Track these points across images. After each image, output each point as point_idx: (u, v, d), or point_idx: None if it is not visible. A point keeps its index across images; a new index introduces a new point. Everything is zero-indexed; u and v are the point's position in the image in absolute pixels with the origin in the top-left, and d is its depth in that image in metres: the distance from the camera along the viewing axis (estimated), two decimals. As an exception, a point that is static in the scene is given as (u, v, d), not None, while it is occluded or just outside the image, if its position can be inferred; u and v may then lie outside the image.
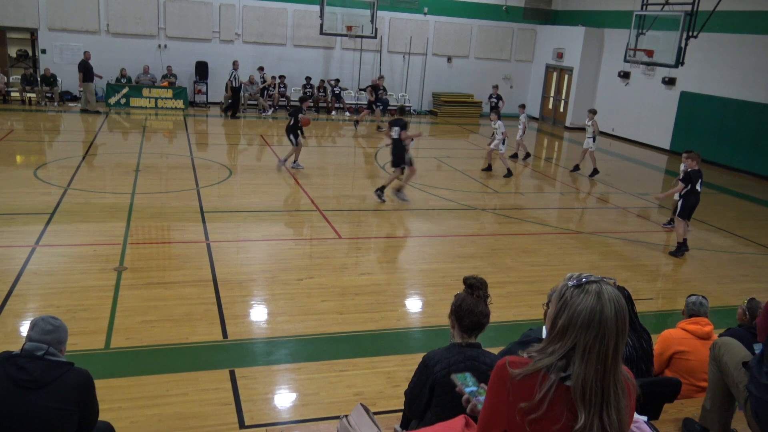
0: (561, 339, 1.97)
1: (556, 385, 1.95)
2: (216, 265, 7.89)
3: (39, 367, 3.20)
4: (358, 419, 3.24)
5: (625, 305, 1.98)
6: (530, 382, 1.98)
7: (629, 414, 2.01)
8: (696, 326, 4.67)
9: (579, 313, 1.93)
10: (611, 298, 1.93)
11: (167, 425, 4.79)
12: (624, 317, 1.94)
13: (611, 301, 1.92)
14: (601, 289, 1.94)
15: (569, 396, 1.94)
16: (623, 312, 1.94)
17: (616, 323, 1.92)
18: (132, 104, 19.75)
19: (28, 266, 7.47)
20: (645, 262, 9.61)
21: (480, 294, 3.32)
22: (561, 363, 1.96)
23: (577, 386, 1.92)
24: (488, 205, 11.97)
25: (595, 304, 1.92)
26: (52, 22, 19.67)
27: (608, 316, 1.91)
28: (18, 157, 13.25)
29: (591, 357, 1.92)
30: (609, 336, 1.92)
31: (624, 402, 1.97)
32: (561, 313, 1.97)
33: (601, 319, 1.91)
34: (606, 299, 1.92)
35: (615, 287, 1.97)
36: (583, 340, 1.92)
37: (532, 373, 1.99)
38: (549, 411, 1.95)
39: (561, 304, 1.98)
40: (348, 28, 20.85)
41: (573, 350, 1.94)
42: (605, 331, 1.91)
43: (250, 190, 11.87)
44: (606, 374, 1.93)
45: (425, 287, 7.97)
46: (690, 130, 18.58)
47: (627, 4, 19.79)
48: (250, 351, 6.04)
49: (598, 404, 1.92)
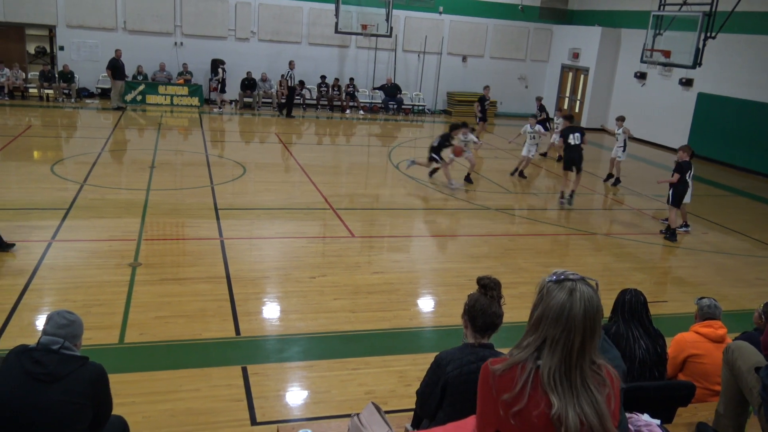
0: (535, 332, 2.08)
1: (534, 372, 2.04)
2: (229, 262, 7.93)
3: (54, 360, 3.23)
4: (369, 418, 3.25)
5: (599, 306, 2.06)
6: (510, 375, 2.08)
7: (611, 408, 2.06)
8: (709, 329, 4.63)
9: (551, 308, 2.03)
10: (583, 296, 2.02)
11: (179, 420, 4.82)
12: (594, 316, 2.03)
13: (582, 300, 2.02)
14: (575, 287, 2.04)
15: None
16: (594, 312, 2.03)
17: (584, 321, 2.01)
18: (148, 101, 19.89)
19: (44, 261, 7.55)
20: (659, 265, 9.54)
21: (493, 294, 3.32)
22: (535, 354, 2.07)
23: (543, 374, 2.02)
24: (502, 205, 11.93)
25: (565, 300, 2.02)
26: (70, 19, 19.85)
27: (576, 313, 2.01)
28: (35, 152, 13.38)
29: (557, 349, 2.02)
30: (575, 332, 2.01)
31: (600, 395, 2.04)
32: (537, 306, 2.09)
33: (569, 315, 2.01)
34: (577, 297, 2.02)
35: (593, 288, 2.06)
36: (551, 333, 2.03)
37: (511, 366, 2.09)
38: (529, 399, 2.04)
39: (539, 298, 2.09)
40: (363, 27, 20.86)
41: (545, 343, 2.05)
42: (572, 327, 2.01)
43: (263, 187, 11.92)
44: (571, 368, 2.02)
45: (438, 287, 7.96)
46: (707, 132, 18.41)
47: (644, 5, 19.64)
48: (263, 348, 6.07)
49: (567, 394, 2.01)
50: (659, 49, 16.91)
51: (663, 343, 4.34)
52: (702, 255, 9.87)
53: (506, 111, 24.31)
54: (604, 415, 2.02)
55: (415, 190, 12.47)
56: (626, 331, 4.22)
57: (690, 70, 17.28)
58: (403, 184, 12.93)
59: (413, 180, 13.16)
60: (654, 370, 4.22)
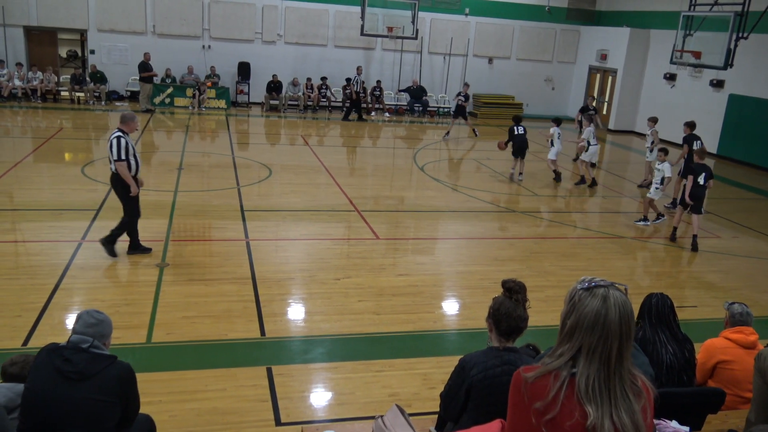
0: (569, 340, 2.05)
1: (568, 380, 2.01)
2: (255, 264, 7.99)
3: (84, 359, 3.28)
4: (393, 420, 3.24)
5: (631, 311, 2.04)
6: (543, 383, 2.05)
7: (646, 418, 2.04)
8: (740, 335, 4.53)
9: (585, 316, 2.01)
10: (617, 302, 2.00)
11: (205, 419, 4.87)
12: (629, 322, 2.01)
13: (616, 306, 2.00)
14: (607, 294, 2.02)
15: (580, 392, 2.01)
16: (628, 317, 2.02)
17: (620, 327, 1.99)
18: (176, 104, 20.15)
19: (74, 261, 7.68)
20: (688, 269, 9.39)
21: (518, 298, 3.29)
22: (570, 362, 2.04)
23: (581, 384, 1.99)
24: (528, 208, 11.84)
25: (600, 307, 2.00)
26: (101, 23, 20.21)
27: (612, 319, 1.99)
28: (66, 154, 13.63)
29: (594, 357, 1.99)
30: (612, 338, 1.99)
31: (636, 405, 2.01)
32: (569, 315, 2.06)
33: (606, 321, 1.99)
34: (611, 303, 2.00)
35: (623, 293, 2.04)
36: (587, 342, 2.00)
37: (544, 374, 2.06)
38: (562, 408, 2.00)
39: (570, 306, 2.06)
40: (389, 29, 20.89)
41: (580, 351, 2.02)
42: (608, 334, 1.99)
43: (289, 189, 11.98)
44: (610, 375, 1.99)
45: (462, 289, 7.92)
46: (738, 134, 18.08)
47: (674, 5, 19.36)
48: (287, 349, 6.10)
49: (606, 403, 1.98)
50: (689, 50, 16.67)
51: (691, 347, 4.26)
52: (733, 259, 9.68)
53: (532, 113, 24.12)
54: (641, 426, 1.99)
55: (440, 193, 12.44)
56: (653, 336, 4.17)
57: (721, 71, 16.99)
58: (427, 186, 12.91)
59: (438, 182, 13.13)
60: (682, 375, 4.16)
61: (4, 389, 3.52)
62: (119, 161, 7.49)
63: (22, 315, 6.26)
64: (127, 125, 7.62)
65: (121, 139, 7.49)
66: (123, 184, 7.65)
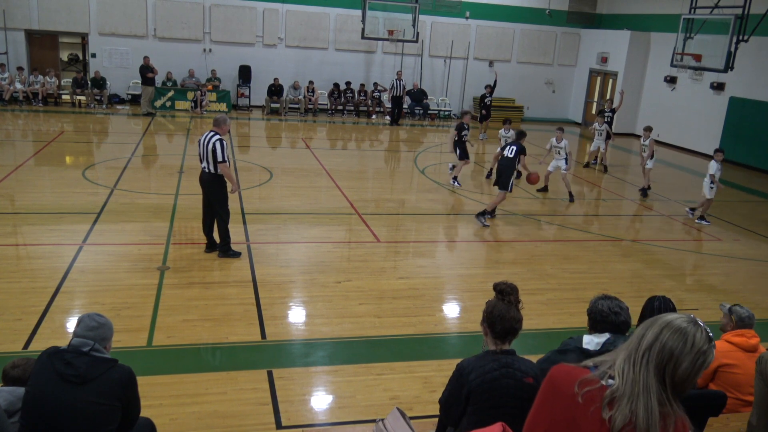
0: (631, 365, 1.93)
1: (599, 389, 1.95)
2: (255, 267, 7.99)
3: (85, 362, 3.28)
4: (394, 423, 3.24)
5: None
6: (599, 393, 1.96)
7: None
8: (742, 338, 4.53)
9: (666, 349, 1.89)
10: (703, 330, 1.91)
11: (206, 423, 4.87)
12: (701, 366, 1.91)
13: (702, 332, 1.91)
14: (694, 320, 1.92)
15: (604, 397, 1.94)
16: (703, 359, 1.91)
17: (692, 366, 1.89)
18: (177, 107, 20.18)
19: (75, 264, 7.69)
20: (690, 272, 9.38)
21: (511, 299, 3.29)
22: (608, 373, 1.97)
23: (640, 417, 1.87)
24: (528, 211, 11.84)
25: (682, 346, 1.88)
26: (102, 27, 20.24)
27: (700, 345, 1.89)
28: (67, 158, 13.65)
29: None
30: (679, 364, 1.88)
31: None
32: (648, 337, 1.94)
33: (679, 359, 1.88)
34: (699, 329, 1.90)
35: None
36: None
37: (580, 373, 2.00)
38: (584, 412, 1.96)
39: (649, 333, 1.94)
40: (389, 33, 20.92)
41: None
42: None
43: (290, 192, 11.99)
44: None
45: (463, 292, 7.92)
46: (739, 137, 18.08)
47: (674, 8, 19.38)
48: (288, 352, 6.10)
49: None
50: (690, 53, 16.67)
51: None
52: (734, 262, 9.68)
53: (533, 116, 24.15)
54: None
55: (441, 196, 12.44)
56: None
57: (721, 74, 16.98)
58: (428, 189, 12.91)
59: (439, 185, 13.14)
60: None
61: (5, 393, 3.52)
62: (223, 162, 7.87)
63: (23, 318, 6.26)
64: (221, 128, 8.05)
65: (222, 141, 7.90)
66: (220, 184, 8.04)
